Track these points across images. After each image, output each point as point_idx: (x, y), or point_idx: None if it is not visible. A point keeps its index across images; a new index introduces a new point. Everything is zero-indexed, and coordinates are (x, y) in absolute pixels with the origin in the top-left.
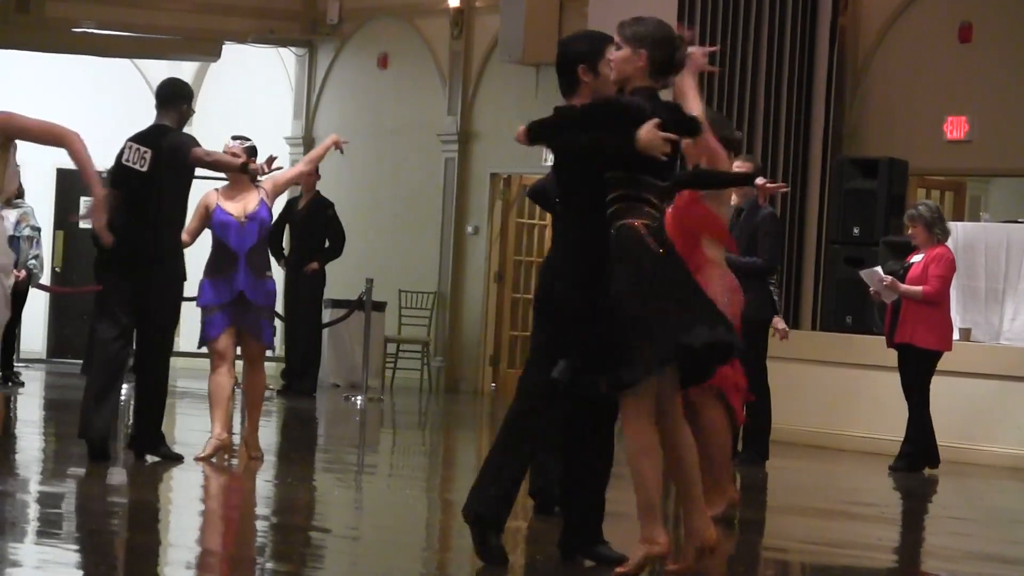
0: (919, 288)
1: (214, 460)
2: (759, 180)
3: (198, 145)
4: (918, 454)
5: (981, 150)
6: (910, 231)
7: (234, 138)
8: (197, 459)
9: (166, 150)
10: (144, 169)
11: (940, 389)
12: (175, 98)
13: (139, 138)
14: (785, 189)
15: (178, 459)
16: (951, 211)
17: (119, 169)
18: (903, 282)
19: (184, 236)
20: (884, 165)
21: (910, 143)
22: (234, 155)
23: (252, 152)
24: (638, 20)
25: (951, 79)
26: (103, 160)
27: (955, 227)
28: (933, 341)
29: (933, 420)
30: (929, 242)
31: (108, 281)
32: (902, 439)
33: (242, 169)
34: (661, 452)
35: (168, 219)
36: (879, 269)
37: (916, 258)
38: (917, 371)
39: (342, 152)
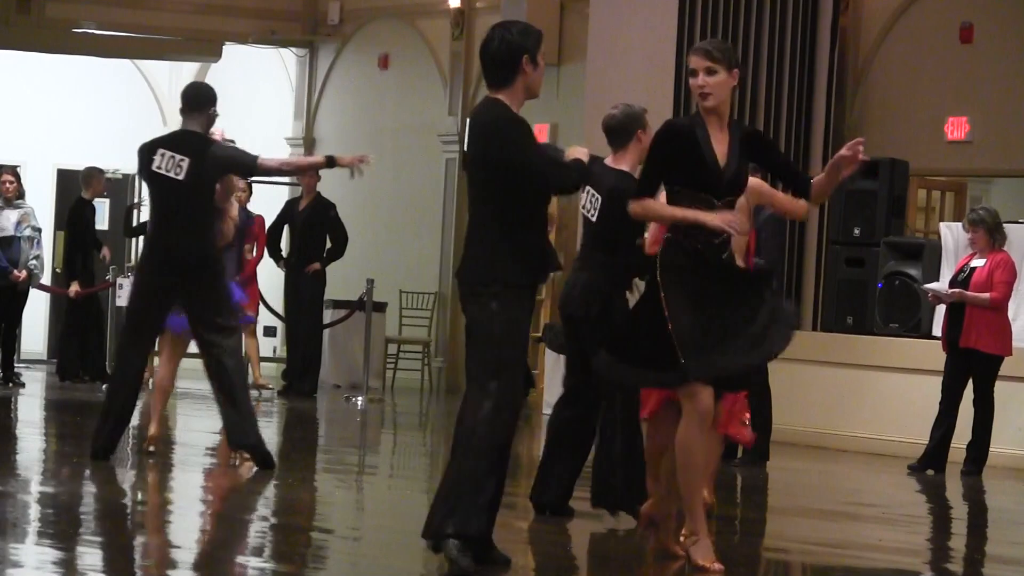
0: (986, 295)
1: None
2: None
3: (252, 156)
4: (983, 457)
5: (982, 150)
6: (970, 236)
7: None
8: None
9: (212, 162)
10: (181, 177)
11: (938, 390)
12: (204, 102)
13: (171, 144)
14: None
15: (268, 464)
16: (952, 212)
17: (150, 176)
18: (967, 287)
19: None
20: (885, 165)
21: (911, 143)
22: None
23: None
24: (722, 42)
25: (952, 79)
26: (103, 161)
27: (956, 228)
28: (998, 346)
29: (930, 421)
30: (989, 247)
31: (147, 292)
32: (966, 444)
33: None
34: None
35: (206, 224)
36: (938, 285)
37: (976, 262)
38: (987, 377)
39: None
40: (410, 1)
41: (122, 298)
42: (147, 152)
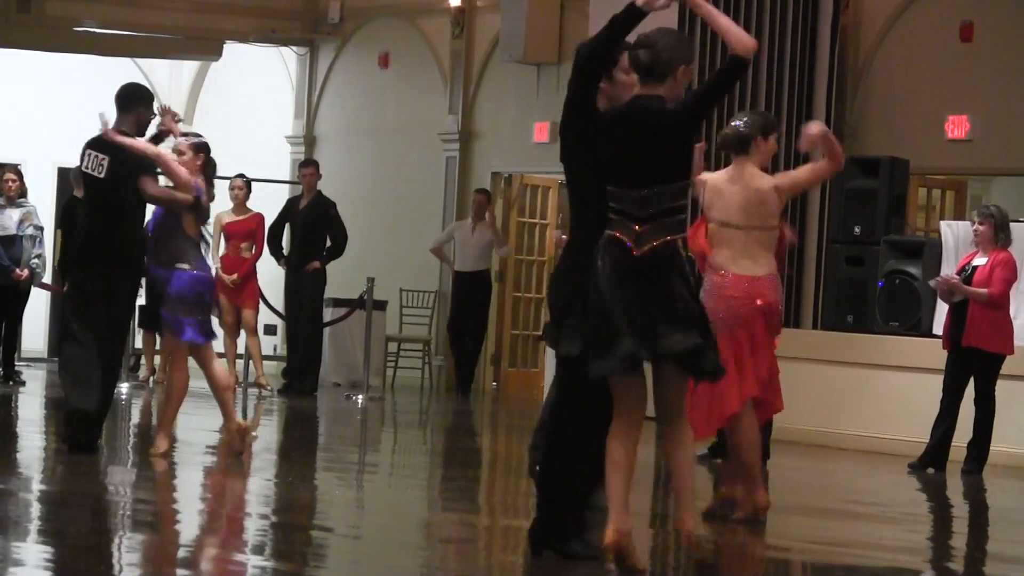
0: (984, 290)
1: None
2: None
3: (152, 174)
4: (983, 456)
5: (982, 149)
6: (976, 226)
7: (183, 135)
8: None
9: (129, 163)
10: (102, 175)
11: (939, 388)
12: (131, 102)
13: (96, 145)
14: None
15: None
16: (952, 210)
17: (82, 175)
18: (968, 285)
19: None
20: (885, 164)
21: (911, 142)
22: (180, 153)
23: (201, 148)
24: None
25: (952, 78)
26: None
27: (956, 227)
28: (1000, 345)
29: (930, 420)
30: (992, 243)
31: (77, 279)
32: (967, 443)
33: (192, 207)
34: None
35: (130, 218)
36: (945, 275)
37: (978, 260)
38: (988, 375)
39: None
40: (410, 0)
41: None
42: (81, 152)
